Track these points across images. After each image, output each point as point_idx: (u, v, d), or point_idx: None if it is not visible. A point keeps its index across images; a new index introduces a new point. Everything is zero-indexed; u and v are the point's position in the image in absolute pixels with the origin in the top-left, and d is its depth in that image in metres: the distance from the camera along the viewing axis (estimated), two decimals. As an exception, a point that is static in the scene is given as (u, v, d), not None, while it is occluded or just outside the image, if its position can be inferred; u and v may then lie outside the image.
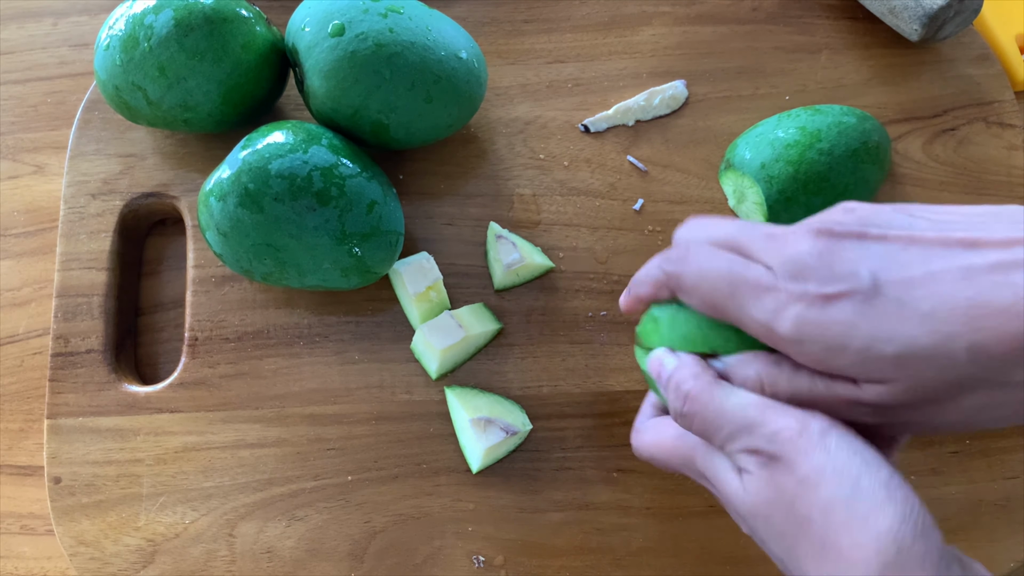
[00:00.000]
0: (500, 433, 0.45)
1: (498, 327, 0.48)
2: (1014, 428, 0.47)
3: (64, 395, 0.47)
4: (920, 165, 0.52)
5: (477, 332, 0.47)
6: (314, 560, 0.45)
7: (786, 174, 0.46)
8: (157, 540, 0.45)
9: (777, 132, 0.48)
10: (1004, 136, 0.53)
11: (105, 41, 0.46)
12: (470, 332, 0.47)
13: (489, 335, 0.48)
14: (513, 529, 0.45)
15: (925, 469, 0.46)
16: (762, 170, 0.47)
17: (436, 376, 0.47)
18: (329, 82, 0.44)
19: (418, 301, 0.47)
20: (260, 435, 0.47)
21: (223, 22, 0.45)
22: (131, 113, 0.48)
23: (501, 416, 0.46)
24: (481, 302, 0.49)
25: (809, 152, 0.46)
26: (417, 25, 0.45)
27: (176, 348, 0.50)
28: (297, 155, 0.43)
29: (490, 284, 0.50)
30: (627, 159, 0.51)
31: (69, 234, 0.50)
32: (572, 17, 0.56)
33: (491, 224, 0.50)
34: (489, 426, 0.45)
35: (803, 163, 0.46)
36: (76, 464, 0.46)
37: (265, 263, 0.44)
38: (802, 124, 0.48)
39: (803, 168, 0.46)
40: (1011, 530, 0.45)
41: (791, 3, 0.56)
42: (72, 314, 0.49)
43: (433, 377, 0.47)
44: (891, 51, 0.55)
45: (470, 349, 0.48)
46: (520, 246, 0.49)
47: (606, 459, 0.47)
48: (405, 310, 0.48)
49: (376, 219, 0.44)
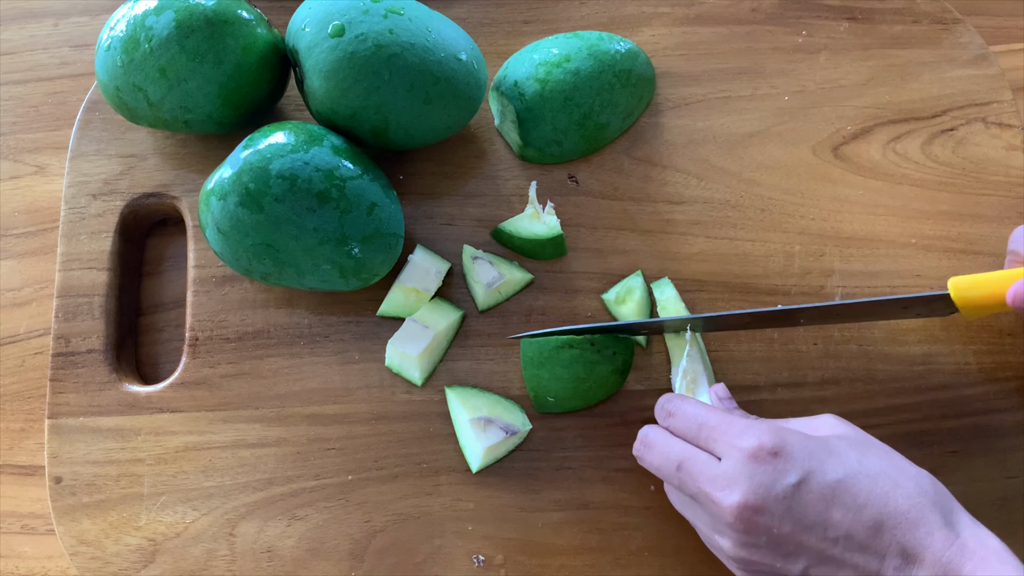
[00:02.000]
0: (500, 433, 0.45)
1: (460, 314, 0.49)
2: (1014, 428, 0.47)
3: (65, 395, 0.48)
4: (919, 165, 0.53)
5: (444, 327, 0.47)
6: (314, 559, 0.45)
7: (533, 91, 0.48)
8: (158, 539, 0.45)
9: (534, 53, 0.50)
10: (1003, 136, 0.53)
11: (106, 42, 0.46)
12: (437, 329, 0.47)
13: (455, 325, 0.48)
14: (513, 528, 0.46)
15: (925, 469, 0.46)
16: (515, 88, 0.49)
17: (422, 382, 0.47)
18: (329, 83, 0.44)
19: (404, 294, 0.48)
20: (261, 435, 0.47)
21: (224, 24, 0.45)
22: (132, 114, 0.48)
23: (501, 416, 0.46)
24: (437, 296, 0.49)
25: (556, 71, 0.48)
26: (417, 26, 0.45)
27: (177, 348, 0.51)
28: (298, 156, 0.43)
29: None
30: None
31: (70, 234, 0.50)
32: (572, 18, 0.56)
33: (465, 247, 0.50)
34: (489, 426, 0.45)
35: (549, 81, 0.48)
36: (77, 464, 0.46)
37: (264, 263, 0.44)
38: (558, 45, 0.50)
39: (549, 86, 0.48)
40: (1011, 529, 0.46)
41: (790, 4, 0.56)
42: (73, 314, 0.49)
43: (419, 384, 0.47)
44: (890, 52, 0.55)
45: (443, 344, 0.48)
46: (497, 264, 0.49)
47: (606, 459, 0.47)
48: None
49: (376, 221, 0.44)
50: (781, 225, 0.51)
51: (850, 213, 0.51)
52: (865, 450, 0.37)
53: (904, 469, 0.36)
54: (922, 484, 0.36)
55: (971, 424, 0.47)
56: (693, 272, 0.50)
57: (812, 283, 0.50)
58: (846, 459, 0.36)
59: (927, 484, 0.36)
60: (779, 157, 0.53)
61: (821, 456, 0.36)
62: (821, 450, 0.36)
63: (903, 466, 0.37)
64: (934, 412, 0.48)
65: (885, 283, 0.50)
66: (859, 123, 0.53)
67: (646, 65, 0.53)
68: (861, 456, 0.36)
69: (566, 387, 0.45)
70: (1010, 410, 0.48)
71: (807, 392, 0.48)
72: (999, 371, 0.48)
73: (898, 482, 0.35)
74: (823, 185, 0.52)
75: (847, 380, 0.48)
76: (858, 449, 0.37)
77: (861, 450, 0.37)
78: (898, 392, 0.48)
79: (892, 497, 0.35)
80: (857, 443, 0.38)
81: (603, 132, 0.51)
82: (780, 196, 0.52)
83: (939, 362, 0.49)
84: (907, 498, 0.35)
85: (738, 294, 0.50)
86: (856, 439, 0.38)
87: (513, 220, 0.50)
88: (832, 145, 0.53)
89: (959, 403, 0.48)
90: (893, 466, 0.36)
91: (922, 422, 0.47)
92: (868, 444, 0.38)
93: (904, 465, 0.37)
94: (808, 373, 0.48)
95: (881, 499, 0.35)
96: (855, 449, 0.37)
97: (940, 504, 0.35)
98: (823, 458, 0.36)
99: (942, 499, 0.36)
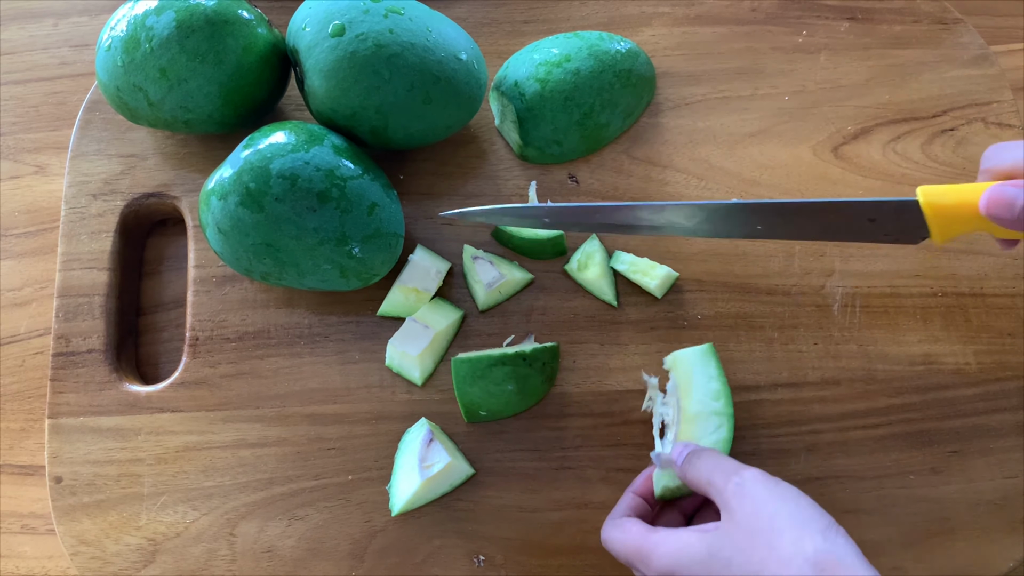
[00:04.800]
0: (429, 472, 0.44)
1: (460, 314, 0.49)
2: (1013, 428, 0.47)
3: (65, 395, 0.48)
4: (919, 165, 0.53)
5: (444, 327, 0.47)
6: (315, 559, 0.45)
7: (533, 91, 0.48)
8: (158, 539, 0.45)
9: (534, 53, 0.50)
10: (1003, 136, 0.53)
11: (106, 42, 0.46)
12: (437, 329, 0.47)
13: (455, 325, 0.48)
14: (513, 528, 0.46)
15: (925, 468, 0.47)
16: (515, 88, 0.49)
17: (422, 382, 0.47)
18: (329, 82, 0.44)
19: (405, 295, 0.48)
20: (261, 435, 0.47)
21: (224, 24, 0.45)
22: (132, 114, 0.48)
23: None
24: (438, 296, 0.49)
25: (556, 71, 0.48)
26: (417, 26, 0.45)
27: (177, 348, 0.51)
28: (299, 155, 0.43)
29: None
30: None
31: (70, 234, 0.51)
32: (572, 18, 0.56)
33: (465, 247, 0.50)
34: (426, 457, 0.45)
35: (550, 81, 0.48)
36: (77, 463, 0.46)
37: (265, 263, 0.44)
38: (558, 45, 0.50)
39: (549, 86, 0.48)
40: (1010, 529, 0.46)
41: (790, 4, 0.56)
42: (73, 314, 0.49)
43: (419, 384, 0.47)
44: (890, 52, 0.55)
45: (443, 344, 0.48)
46: (498, 263, 0.49)
47: (605, 459, 0.47)
48: None
49: (376, 221, 0.44)
50: (781, 225, 0.51)
51: (850, 213, 0.51)
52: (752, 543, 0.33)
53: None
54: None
55: (971, 424, 0.47)
56: (694, 272, 0.50)
57: (812, 283, 0.50)
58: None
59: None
60: (779, 157, 0.53)
61: None
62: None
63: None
64: (934, 412, 0.48)
65: (885, 283, 0.50)
66: (859, 123, 0.53)
67: (646, 65, 0.53)
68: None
69: (498, 401, 0.46)
70: (1010, 410, 0.48)
71: (807, 392, 0.48)
72: (999, 371, 0.48)
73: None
74: (823, 185, 0.52)
75: (847, 380, 0.48)
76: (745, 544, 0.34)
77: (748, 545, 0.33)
78: (898, 392, 0.48)
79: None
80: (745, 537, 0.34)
81: (603, 132, 0.51)
82: (780, 196, 0.52)
83: (939, 362, 0.49)
84: None
85: (738, 293, 0.50)
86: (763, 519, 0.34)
87: None
88: (832, 145, 0.53)
89: (959, 403, 0.48)
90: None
91: (922, 422, 0.47)
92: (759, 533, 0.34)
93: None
94: (808, 373, 0.48)
95: None
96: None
97: None
98: None
99: None
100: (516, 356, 0.45)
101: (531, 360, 0.46)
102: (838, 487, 0.46)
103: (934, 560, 0.45)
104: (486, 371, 0.45)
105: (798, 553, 0.32)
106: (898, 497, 0.46)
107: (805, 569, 0.32)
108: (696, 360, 0.44)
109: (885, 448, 0.47)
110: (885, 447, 0.47)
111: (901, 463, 0.47)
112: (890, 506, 0.46)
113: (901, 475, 0.46)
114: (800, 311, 0.49)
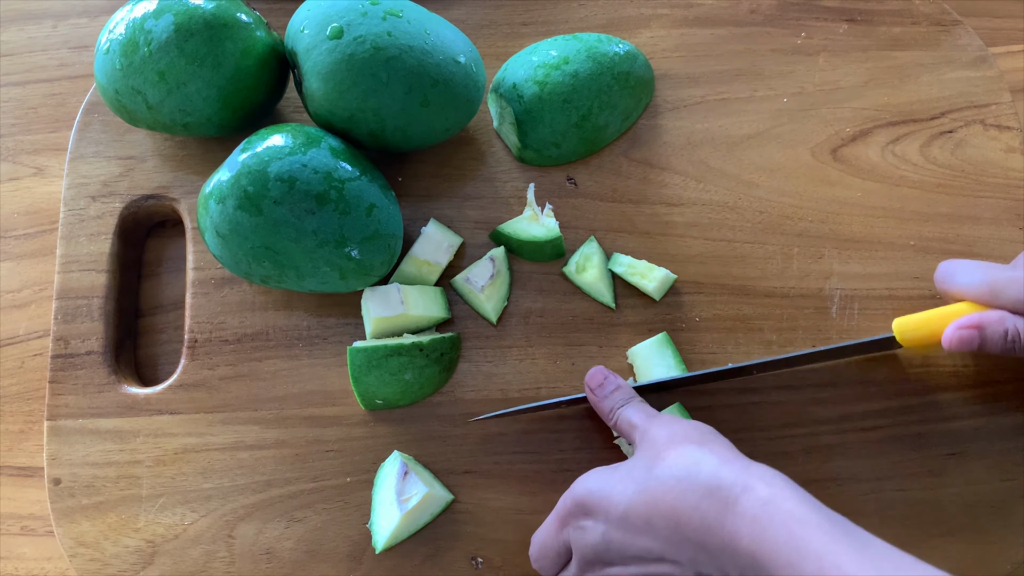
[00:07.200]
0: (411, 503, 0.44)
1: (444, 316, 0.49)
2: (1011, 430, 0.47)
3: (64, 397, 0.48)
4: (917, 167, 0.53)
5: (418, 315, 0.47)
6: (313, 561, 0.45)
7: (532, 93, 0.48)
8: (157, 541, 0.45)
9: (532, 55, 0.50)
10: (1001, 138, 0.53)
11: (105, 45, 0.46)
12: (410, 312, 0.47)
13: (432, 321, 0.48)
14: (511, 530, 0.46)
15: (923, 471, 0.47)
16: (514, 90, 0.49)
17: (370, 336, 0.47)
18: (327, 84, 0.44)
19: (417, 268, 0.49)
20: (259, 437, 0.47)
21: (223, 27, 0.45)
22: (131, 117, 0.48)
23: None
24: (441, 288, 0.49)
25: (555, 73, 0.49)
26: (416, 28, 0.45)
27: (176, 350, 0.51)
28: (296, 158, 0.43)
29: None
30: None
31: (69, 236, 0.51)
32: (570, 19, 0.56)
33: (453, 281, 0.50)
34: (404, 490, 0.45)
35: (548, 83, 0.48)
36: (76, 465, 0.47)
37: (264, 266, 0.44)
38: (556, 48, 0.50)
39: (548, 88, 0.48)
40: (1008, 531, 0.46)
41: (789, 5, 0.56)
42: (72, 316, 0.49)
43: (368, 336, 0.47)
44: (889, 53, 0.55)
45: (408, 326, 0.48)
46: (496, 257, 0.49)
47: (604, 460, 0.47)
48: None
49: (375, 222, 0.44)
50: (779, 227, 0.51)
51: (849, 215, 0.51)
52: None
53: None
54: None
55: (969, 426, 0.47)
56: (691, 274, 0.50)
57: (810, 285, 0.50)
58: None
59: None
60: (778, 159, 0.53)
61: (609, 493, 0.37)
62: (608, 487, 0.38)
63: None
64: (932, 414, 0.48)
65: (883, 285, 0.50)
66: (858, 125, 0.53)
67: (645, 67, 0.53)
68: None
69: (395, 391, 0.46)
70: (1008, 413, 0.48)
71: (806, 394, 0.48)
72: (997, 373, 0.48)
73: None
74: (822, 187, 0.52)
75: (845, 382, 0.48)
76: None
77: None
78: (896, 394, 0.48)
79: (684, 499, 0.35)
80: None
81: (602, 134, 0.51)
82: (778, 198, 0.52)
83: (937, 364, 0.49)
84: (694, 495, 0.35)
85: (736, 296, 0.50)
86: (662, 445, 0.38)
87: (512, 222, 0.50)
88: (831, 147, 0.53)
89: (957, 405, 0.48)
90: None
91: (920, 424, 0.47)
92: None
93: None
94: (807, 375, 0.48)
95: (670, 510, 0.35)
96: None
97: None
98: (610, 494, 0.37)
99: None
100: (413, 347, 0.46)
101: (428, 351, 0.46)
102: (836, 489, 0.46)
103: (932, 562, 0.44)
104: (382, 361, 0.45)
105: (682, 453, 0.37)
106: (896, 499, 0.46)
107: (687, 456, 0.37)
108: (653, 350, 0.48)
109: (883, 450, 0.47)
110: (883, 449, 0.47)
111: (899, 465, 0.47)
112: (888, 508, 0.46)
113: (899, 477, 0.46)
114: (798, 313, 0.49)
